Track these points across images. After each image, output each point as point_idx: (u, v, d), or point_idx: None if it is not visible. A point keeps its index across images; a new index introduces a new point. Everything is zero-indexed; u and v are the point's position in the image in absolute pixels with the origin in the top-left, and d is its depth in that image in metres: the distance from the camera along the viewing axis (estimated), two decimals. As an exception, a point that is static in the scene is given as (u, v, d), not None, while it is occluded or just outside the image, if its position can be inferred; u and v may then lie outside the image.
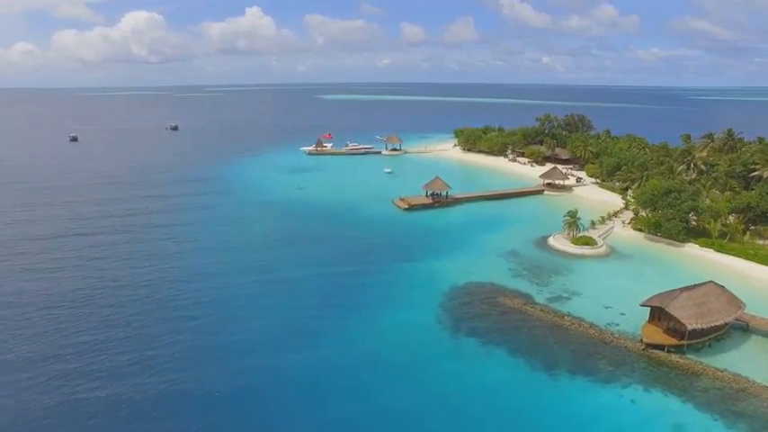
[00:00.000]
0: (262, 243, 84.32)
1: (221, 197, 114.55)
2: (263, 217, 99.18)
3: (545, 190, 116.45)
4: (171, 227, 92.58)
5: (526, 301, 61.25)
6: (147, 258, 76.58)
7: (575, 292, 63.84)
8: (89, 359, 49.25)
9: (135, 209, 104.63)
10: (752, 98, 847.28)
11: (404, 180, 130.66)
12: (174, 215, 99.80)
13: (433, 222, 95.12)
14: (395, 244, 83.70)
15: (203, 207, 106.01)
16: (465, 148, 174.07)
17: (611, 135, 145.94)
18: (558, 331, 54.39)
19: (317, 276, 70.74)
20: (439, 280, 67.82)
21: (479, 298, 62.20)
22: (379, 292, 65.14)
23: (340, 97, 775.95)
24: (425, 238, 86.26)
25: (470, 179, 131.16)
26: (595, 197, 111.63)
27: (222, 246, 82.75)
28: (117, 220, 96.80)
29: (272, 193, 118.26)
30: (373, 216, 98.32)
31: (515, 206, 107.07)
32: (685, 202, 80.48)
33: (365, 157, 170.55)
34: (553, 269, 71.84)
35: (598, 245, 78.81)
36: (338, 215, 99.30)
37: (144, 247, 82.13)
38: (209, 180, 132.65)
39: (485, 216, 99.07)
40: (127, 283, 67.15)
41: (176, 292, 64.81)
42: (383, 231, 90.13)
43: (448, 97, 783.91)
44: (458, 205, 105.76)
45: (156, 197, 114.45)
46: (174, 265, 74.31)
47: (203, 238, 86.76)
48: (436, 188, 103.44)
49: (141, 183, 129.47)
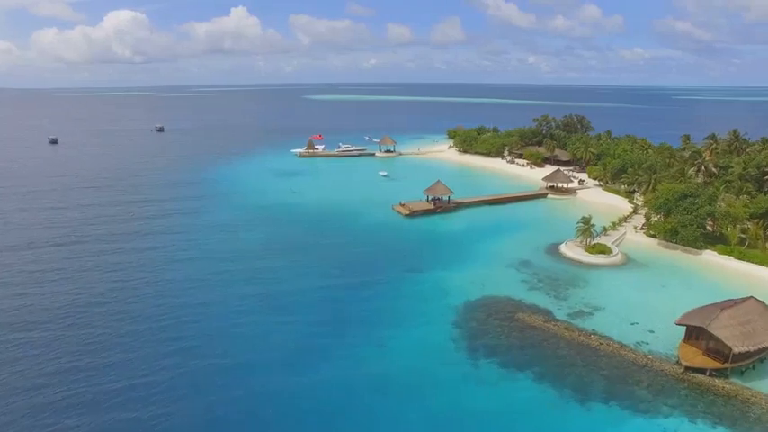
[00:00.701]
0: (256, 253, 78.95)
1: (211, 202, 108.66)
2: (255, 224, 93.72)
3: (548, 193, 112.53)
4: (157, 235, 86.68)
5: (547, 317, 56.79)
6: (132, 270, 70.86)
7: (596, 307, 59.56)
8: (69, 390, 43.84)
9: (118, 215, 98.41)
10: (734, 98, 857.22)
11: (401, 184, 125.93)
12: (160, 222, 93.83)
13: (436, 229, 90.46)
14: (398, 253, 78.89)
15: (192, 213, 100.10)
16: (461, 149, 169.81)
17: (611, 136, 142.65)
18: (585, 352, 49.99)
19: (318, 289, 65.78)
20: (450, 293, 63.16)
21: (496, 314, 57.62)
22: (386, 308, 60.33)
23: (328, 98, 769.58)
24: (430, 247, 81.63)
25: (469, 182, 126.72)
26: (601, 200, 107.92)
27: (213, 256, 77.26)
28: (99, 227, 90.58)
29: (264, 197, 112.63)
30: (373, 223, 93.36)
31: (520, 211, 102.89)
32: (702, 207, 76.85)
33: (358, 160, 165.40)
34: (569, 280, 67.57)
35: (613, 253, 74.79)
36: (336, 222, 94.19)
37: (129, 257, 76.24)
38: (197, 184, 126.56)
39: (490, 222, 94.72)
40: (110, 300, 61.48)
41: (165, 309, 59.36)
42: (385, 239, 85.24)
43: (436, 97, 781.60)
44: (460, 210, 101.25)
45: (141, 202, 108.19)
46: (161, 277, 68.69)
47: (192, 247, 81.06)
48: (438, 193, 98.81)
49: (125, 187, 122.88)
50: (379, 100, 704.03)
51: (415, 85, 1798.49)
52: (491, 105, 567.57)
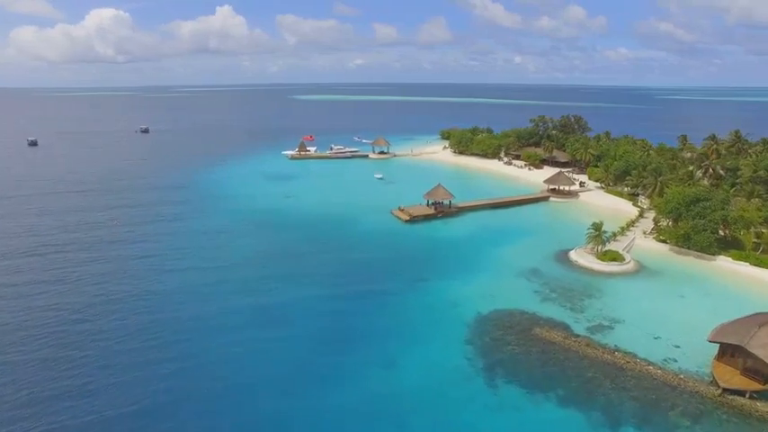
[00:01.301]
0: (249, 262, 74.48)
1: (200, 208, 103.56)
2: (247, 231, 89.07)
3: (550, 196, 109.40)
4: (143, 243, 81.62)
5: (566, 332, 53.21)
6: (116, 283, 66.00)
7: (615, 319, 56.15)
8: (46, 425, 39.02)
9: (101, 222, 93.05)
10: (717, 98, 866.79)
11: (397, 187, 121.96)
12: (146, 229, 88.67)
13: (438, 235, 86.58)
14: (401, 261, 74.92)
15: (179, 219, 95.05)
16: (456, 150, 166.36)
17: (610, 137, 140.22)
18: (611, 371, 46.44)
19: (317, 301, 61.72)
20: (459, 307, 59.34)
21: (512, 330, 53.90)
22: (392, 322, 56.39)
23: (315, 98, 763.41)
24: (434, 255, 77.68)
25: (468, 185, 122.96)
26: (604, 203, 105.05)
27: (203, 265, 72.62)
28: (80, 235, 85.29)
29: (256, 202, 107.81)
30: (372, 229, 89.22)
31: (523, 215, 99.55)
32: (715, 211, 74.09)
33: (352, 162, 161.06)
34: (583, 290, 64.15)
35: (626, 261, 71.58)
36: (333, 228, 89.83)
37: (112, 268, 71.27)
38: (185, 188, 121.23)
39: (493, 227, 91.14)
40: (92, 316, 56.65)
41: (152, 326, 54.83)
42: (385, 247, 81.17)
43: (424, 97, 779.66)
44: (461, 215, 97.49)
45: (126, 208, 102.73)
46: (148, 289, 63.94)
47: (181, 256, 76.20)
48: (439, 197, 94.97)
49: (109, 192, 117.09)
50: (366, 100, 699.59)
51: (401, 85, 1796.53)
52: (481, 105, 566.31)
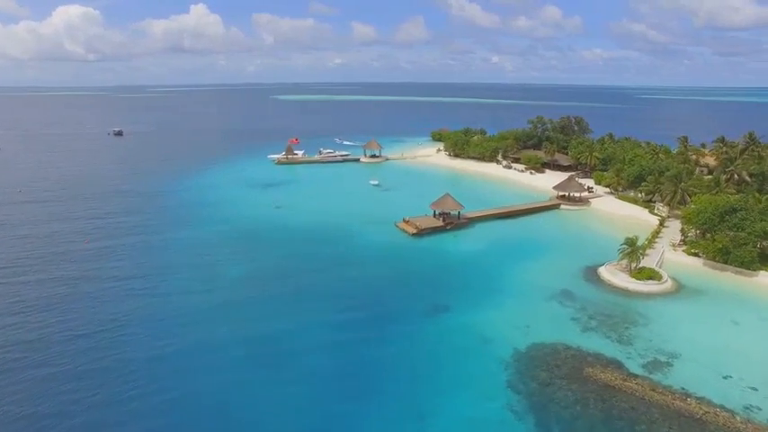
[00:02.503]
0: (237, 284, 65.95)
1: (180, 221, 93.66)
2: (233, 247, 79.92)
3: (561, 203, 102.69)
4: (115, 262, 72.02)
5: (622, 372, 45.87)
6: (84, 311, 57.09)
7: (671, 354, 49.10)
8: None
9: (68, 236, 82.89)
10: (690, 97, 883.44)
11: (397, 195, 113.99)
12: (119, 246, 78.75)
13: (451, 251, 78.77)
14: (413, 283, 66.97)
15: (156, 234, 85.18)
16: (452, 153, 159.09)
17: (614, 139, 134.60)
18: (690, 426, 39.22)
19: (318, 332, 53.85)
20: (491, 341, 51.65)
21: (559, 370, 46.34)
22: (414, 363, 48.47)
23: (295, 97, 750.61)
24: (450, 275, 69.84)
25: (469, 192, 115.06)
26: (618, 211, 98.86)
27: (184, 288, 63.92)
28: (45, 251, 75.41)
29: (242, 213, 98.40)
30: (376, 244, 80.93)
31: (536, 225, 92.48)
32: (756, 222, 68.02)
33: (343, 166, 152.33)
34: (624, 316, 57.13)
35: (663, 279, 64.85)
36: (331, 243, 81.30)
37: (79, 290, 62.13)
38: (163, 198, 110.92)
39: (508, 240, 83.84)
40: (48, 358, 47.18)
41: (124, 368, 46.72)
42: (393, 264, 73.08)
43: (406, 97, 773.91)
44: (471, 226, 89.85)
45: (96, 220, 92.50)
46: (120, 319, 55.15)
47: (159, 278, 66.92)
48: (447, 207, 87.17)
49: (77, 202, 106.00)
50: (347, 100, 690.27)
51: (381, 84, 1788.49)
52: (463, 105, 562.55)
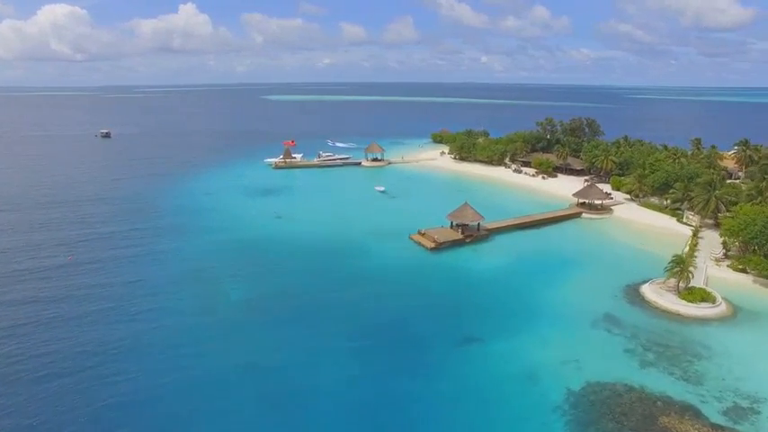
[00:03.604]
0: (236, 306, 59.03)
1: (172, 232, 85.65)
2: (231, 262, 72.30)
3: (582, 212, 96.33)
4: (101, 282, 64.17)
5: (704, 424, 39.01)
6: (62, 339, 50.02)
7: (754, 398, 42.20)
8: None
9: (50, 250, 74.92)
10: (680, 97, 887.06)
11: (405, 202, 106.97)
12: (105, 262, 70.88)
13: (474, 267, 71.74)
14: (437, 307, 60.10)
15: (148, 249, 77.33)
16: (457, 156, 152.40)
17: (630, 142, 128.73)
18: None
19: (332, 367, 47.25)
20: (538, 380, 44.83)
21: (628, 420, 39.47)
22: (445, 410, 41.63)
23: (287, 98, 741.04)
24: (478, 296, 62.91)
25: (482, 199, 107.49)
26: (644, 220, 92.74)
27: (179, 313, 56.94)
28: (20, 267, 67.80)
29: (240, 225, 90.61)
30: (391, 259, 73.75)
31: (559, 236, 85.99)
32: (814, 237, 62.00)
33: (344, 171, 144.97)
34: (683, 346, 50.52)
35: (717, 301, 58.49)
36: (341, 259, 74.06)
37: (60, 315, 54.59)
38: (154, 207, 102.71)
39: (532, 254, 77.21)
40: (23, 402, 39.51)
41: (114, 410, 39.58)
42: (414, 285, 65.99)
43: (397, 96, 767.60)
44: (491, 239, 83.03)
45: (81, 231, 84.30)
46: (107, 350, 47.62)
47: (150, 300, 59.40)
48: (467, 219, 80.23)
49: (60, 210, 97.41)
50: (339, 100, 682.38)
51: (371, 84, 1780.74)
52: (458, 105, 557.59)
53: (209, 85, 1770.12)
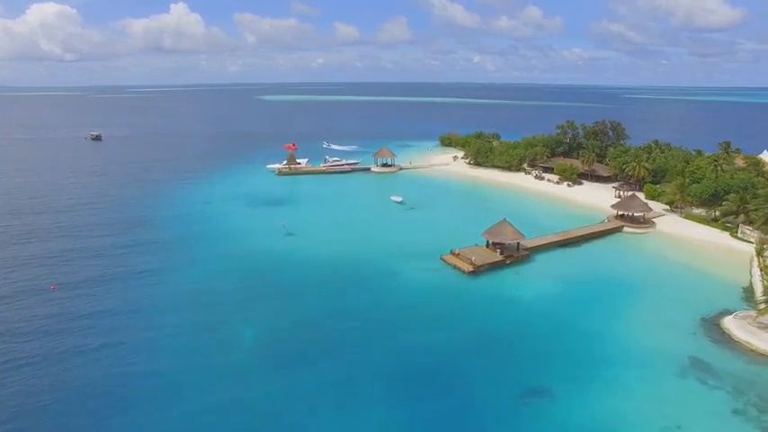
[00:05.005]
0: (247, 352, 49.68)
1: (168, 254, 75.30)
2: (241, 292, 62.18)
3: (623, 225, 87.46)
4: (86, 318, 54.41)
5: None
6: (41, 392, 39.39)
7: None
8: None
9: (29, 276, 65.03)
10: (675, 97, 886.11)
11: (426, 215, 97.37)
12: (92, 293, 60.83)
13: (521, 296, 62.19)
14: (487, 347, 50.85)
15: (141, 274, 67.19)
16: (473, 161, 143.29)
17: (660, 146, 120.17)
18: None
19: None
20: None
21: None
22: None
23: (281, 98, 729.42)
24: (533, 334, 53.49)
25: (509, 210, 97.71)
26: (692, 235, 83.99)
27: (178, 363, 47.08)
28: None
29: (246, 244, 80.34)
30: (426, 288, 64.09)
31: (604, 255, 76.90)
32: None
33: (353, 177, 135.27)
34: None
35: (820, 341, 49.69)
36: (367, 288, 64.18)
37: (38, 363, 44.51)
38: (148, 222, 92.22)
39: (581, 278, 68.00)
40: None
41: None
42: (454, 320, 56.53)
43: (393, 97, 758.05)
44: (531, 259, 73.69)
45: (66, 253, 74.09)
46: (96, 411, 37.72)
47: (144, 342, 49.88)
48: (506, 237, 70.98)
49: (43, 228, 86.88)
50: (334, 100, 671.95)
51: (365, 84, 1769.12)
52: (457, 105, 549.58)
53: (202, 86, 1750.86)
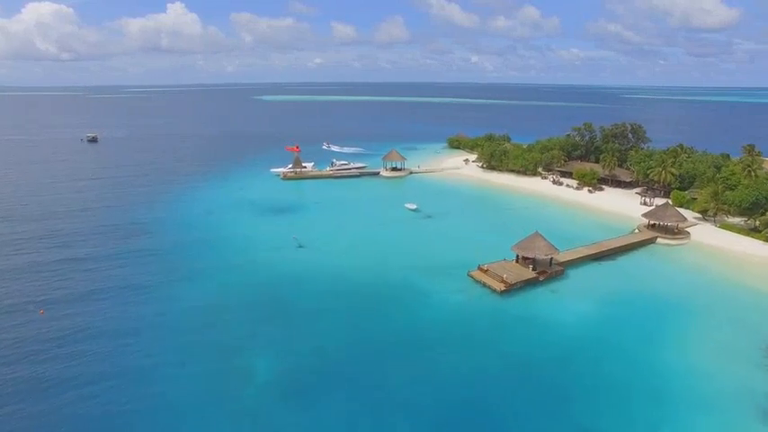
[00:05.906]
0: (262, 392, 43.94)
1: (170, 270, 69.05)
2: (251, 317, 56.34)
3: (657, 236, 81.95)
4: (78, 346, 48.60)
5: None
6: None
7: None
8: None
9: (16, 299, 58.90)
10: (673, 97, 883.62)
11: (445, 224, 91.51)
12: (86, 318, 54.93)
13: (561, 319, 56.31)
14: (531, 382, 45.22)
15: (138, 298, 61.09)
16: (486, 165, 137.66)
17: (685, 150, 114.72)
18: None
19: None
20: None
21: None
22: None
23: (279, 98, 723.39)
24: (580, 366, 47.73)
25: (532, 218, 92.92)
26: (732, 246, 78.60)
27: (179, 405, 41.16)
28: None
29: (253, 257, 74.38)
30: (451, 307, 58.40)
31: (642, 270, 71.22)
32: None
33: (362, 182, 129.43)
34: None
35: None
36: (389, 311, 58.13)
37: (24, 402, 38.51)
38: (146, 233, 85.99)
39: (622, 296, 62.24)
40: None
41: None
42: (489, 348, 50.81)
43: (392, 97, 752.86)
44: (565, 275, 67.95)
45: (56, 270, 68.05)
46: None
47: (139, 376, 44.03)
48: (540, 252, 65.25)
49: (33, 240, 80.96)
50: (333, 100, 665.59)
51: (363, 84, 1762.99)
52: (457, 106, 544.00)
53: (199, 86, 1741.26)
